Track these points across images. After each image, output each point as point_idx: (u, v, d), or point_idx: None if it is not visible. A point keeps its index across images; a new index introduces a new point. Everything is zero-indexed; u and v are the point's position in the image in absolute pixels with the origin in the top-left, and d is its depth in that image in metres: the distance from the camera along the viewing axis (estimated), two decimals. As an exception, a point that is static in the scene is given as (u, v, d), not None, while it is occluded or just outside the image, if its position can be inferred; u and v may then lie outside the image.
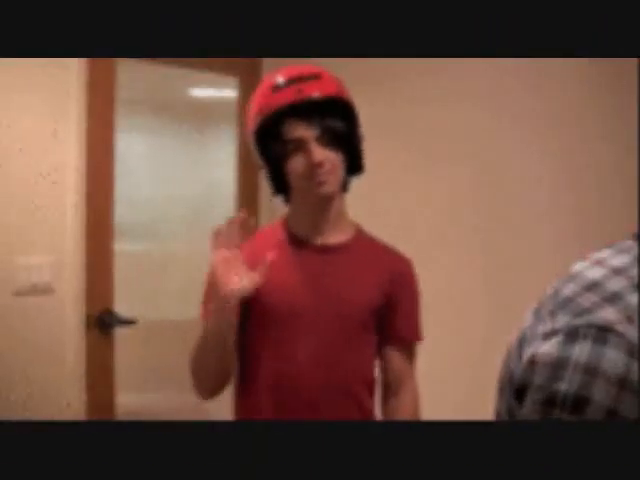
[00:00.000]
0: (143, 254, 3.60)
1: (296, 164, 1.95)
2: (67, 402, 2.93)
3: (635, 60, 2.45)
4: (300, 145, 1.94)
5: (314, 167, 1.93)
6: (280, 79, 1.97)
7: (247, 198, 3.65)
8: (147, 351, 3.35)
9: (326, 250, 2.06)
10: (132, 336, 3.15)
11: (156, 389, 3.42)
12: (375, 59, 3.07)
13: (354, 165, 2.05)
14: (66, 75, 2.91)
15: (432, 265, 3.30)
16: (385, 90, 3.39)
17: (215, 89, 3.89)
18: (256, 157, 2.04)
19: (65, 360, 2.94)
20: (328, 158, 1.95)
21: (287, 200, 2.08)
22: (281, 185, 2.03)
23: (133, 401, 3.31)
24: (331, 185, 1.97)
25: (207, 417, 3.00)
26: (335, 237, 2.08)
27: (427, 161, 3.31)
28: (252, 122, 2.00)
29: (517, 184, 3.07)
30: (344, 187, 2.07)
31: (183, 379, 2.08)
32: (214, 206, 3.77)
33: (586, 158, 2.87)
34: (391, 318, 2.08)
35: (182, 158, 3.70)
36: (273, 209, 3.53)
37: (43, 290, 2.88)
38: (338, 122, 1.97)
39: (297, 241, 2.07)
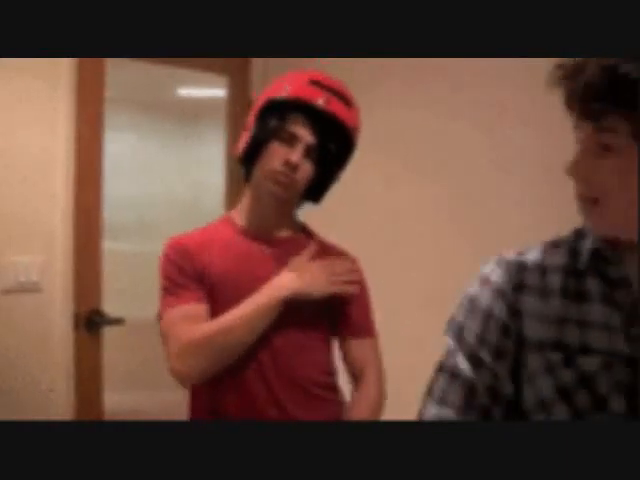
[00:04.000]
0: (132, 253, 3.60)
1: (275, 151, 1.97)
2: (55, 401, 2.92)
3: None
4: (291, 140, 1.96)
5: (287, 165, 1.95)
6: (322, 80, 1.99)
7: (235, 197, 3.64)
8: (135, 351, 3.34)
9: (276, 243, 2.07)
10: (120, 335, 3.15)
11: (144, 388, 3.41)
12: (354, 62, 3.08)
13: (316, 192, 2.09)
14: (55, 74, 2.90)
15: (413, 269, 3.31)
16: (369, 93, 3.40)
17: (204, 88, 3.89)
18: (250, 116, 2.05)
19: (53, 359, 2.93)
20: (303, 168, 1.96)
21: (247, 169, 2.07)
22: (250, 154, 2.02)
23: (121, 400, 3.30)
24: (287, 191, 1.98)
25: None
26: (284, 232, 2.09)
27: (411, 165, 3.32)
28: (272, 91, 2.01)
29: (505, 187, 3.09)
30: (298, 201, 2.09)
31: (171, 379, 2.08)
32: (202, 205, 3.78)
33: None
34: (344, 311, 2.09)
35: (171, 157, 3.70)
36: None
37: (31, 289, 2.87)
38: (334, 146, 2.00)
39: (247, 234, 2.07)
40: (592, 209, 1.25)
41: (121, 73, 3.18)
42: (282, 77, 2.04)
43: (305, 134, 1.96)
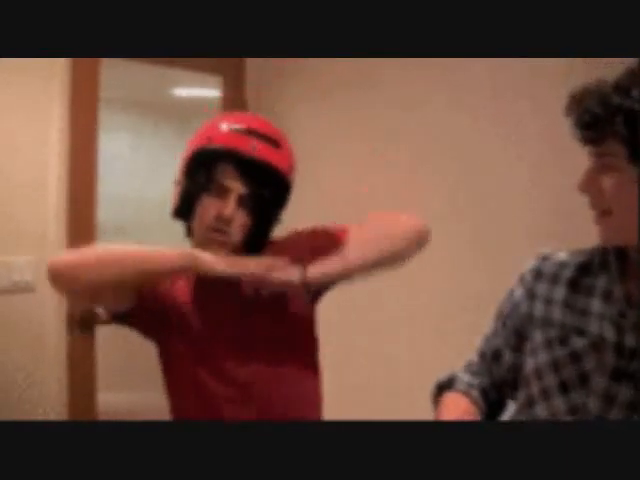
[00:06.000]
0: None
1: (208, 205, 1.90)
2: (48, 401, 2.92)
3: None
4: (222, 192, 1.90)
5: (220, 219, 1.89)
6: (246, 125, 1.92)
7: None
8: (129, 351, 3.33)
9: (228, 284, 1.92)
10: (113, 335, 3.13)
11: (137, 389, 3.41)
12: (351, 62, 3.08)
13: (258, 237, 1.98)
14: (49, 74, 2.90)
15: (416, 268, 3.30)
16: (365, 93, 3.40)
17: (199, 88, 3.88)
18: (178, 172, 1.98)
19: (46, 359, 2.92)
20: (238, 218, 1.91)
21: (186, 223, 1.99)
22: (183, 210, 1.96)
23: (114, 400, 3.30)
24: (225, 245, 1.91)
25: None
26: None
27: (410, 163, 3.32)
28: (197, 142, 1.95)
29: (502, 188, 3.09)
30: (244, 245, 1.97)
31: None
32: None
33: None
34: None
35: (165, 157, 3.69)
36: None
37: (24, 289, 2.86)
38: (267, 192, 1.93)
39: (203, 284, 1.98)
40: (601, 220, 1.46)
41: (116, 73, 3.17)
42: (205, 125, 1.98)
43: (235, 185, 1.89)
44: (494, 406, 1.69)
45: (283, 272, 1.83)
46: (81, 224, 3.03)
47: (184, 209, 1.96)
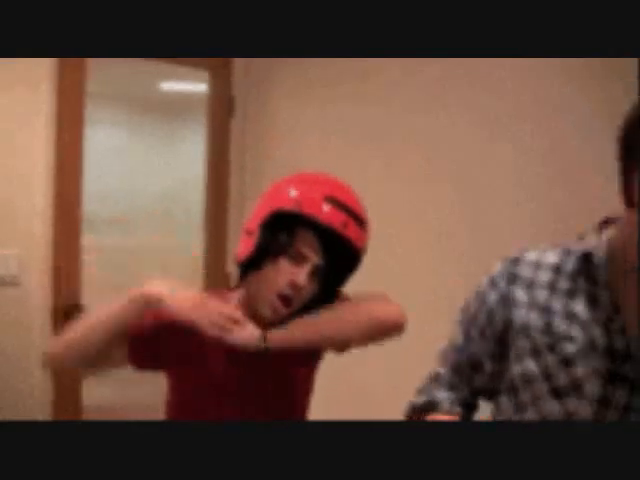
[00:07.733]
0: (112, 248, 3.58)
1: (282, 267, 1.87)
2: (33, 395, 2.91)
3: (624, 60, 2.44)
4: (298, 259, 1.86)
5: (292, 286, 1.86)
6: (338, 197, 1.87)
7: (216, 192, 3.64)
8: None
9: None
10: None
11: (122, 383, 3.40)
12: (347, 63, 3.08)
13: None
14: (36, 69, 2.89)
15: (414, 271, 3.30)
16: (352, 89, 3.40)
17: (186, 83, 3.87)
18: (250, 222, 1.93)
19: (31, 353, 2.92)
20: (307, 289, 1.89)
21: (242, 274, 1.95)
22: (253, 260, 1.91)
23: (100, 396, 3.29)
24: (288, 310, 1.89)
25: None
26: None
27: (407, 165, 3.32)
28: (282, 202, 1.87)
29: (502, 188, 3.09)
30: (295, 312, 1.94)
31: (150, 375, 2.06)
32: (183, 200, 3.76)
33: (578, 160, 2.86)
34: None
35: (152, 152, 3.69)
36: (241, 204, 3.52)
37: (10, 282, 2.86)
38: (340, 267, 1.91)
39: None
40: None
41: (103, 68, 3.17)
42: (290, 182, 1.91)
43: (312, 255, 1.86)
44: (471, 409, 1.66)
45: (243, 331, 1.82)
46: (67, 218, 3.03)
47: (254, 262, 1.90)
